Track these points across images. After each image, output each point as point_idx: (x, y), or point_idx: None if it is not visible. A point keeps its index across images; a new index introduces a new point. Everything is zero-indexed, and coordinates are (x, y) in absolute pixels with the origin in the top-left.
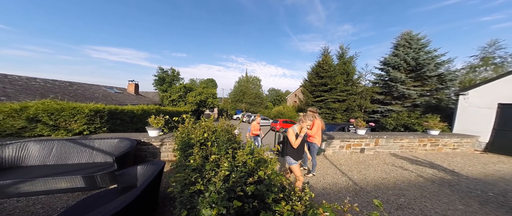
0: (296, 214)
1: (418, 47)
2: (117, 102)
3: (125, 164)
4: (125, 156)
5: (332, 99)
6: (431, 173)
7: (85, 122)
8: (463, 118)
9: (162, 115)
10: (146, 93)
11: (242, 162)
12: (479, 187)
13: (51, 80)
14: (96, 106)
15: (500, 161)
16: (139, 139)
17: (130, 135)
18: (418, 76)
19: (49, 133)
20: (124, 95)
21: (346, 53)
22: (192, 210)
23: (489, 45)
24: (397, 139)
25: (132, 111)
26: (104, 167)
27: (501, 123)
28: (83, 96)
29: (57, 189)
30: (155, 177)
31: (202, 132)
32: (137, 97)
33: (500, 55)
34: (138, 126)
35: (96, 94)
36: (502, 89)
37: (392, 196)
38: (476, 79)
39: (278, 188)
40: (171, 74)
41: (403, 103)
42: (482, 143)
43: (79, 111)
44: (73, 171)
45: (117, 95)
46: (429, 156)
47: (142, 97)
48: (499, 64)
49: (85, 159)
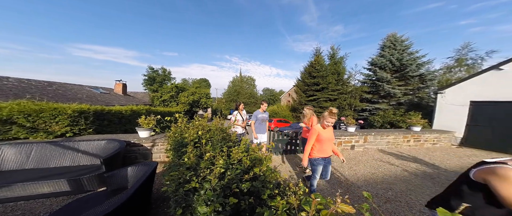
0: (291, 208)
1: (402, 48)
2: (103, 103)
3: (114, 166)
4: (114, 158)
5: (324, 98)
6: (414, 167)
7: (68, 124)
8: (441, 115)
9: (153, 115)
10: (135, 93)
11: (237, 159)
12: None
13: (26, 79)
14: (80, 107)
15: (473, 154)
16: (129, 140)
17: (118, 136)
18: (402, 76)
19: (26, 135)
20: (111, 96)
21: (336, 53)
22: (188, 208)
23: (462, 48)
24: (384, 136)
25: (120, 112)
26: (91, 169)
27: (472, 119)
28: (64, 97)
29: (39, 194)
30: (147, 178)
31: (196, 131)
32: (125, 98)
33: (472, 57)
34: (127, 127)
35: (80, 95)
36: (473, 88)
37: (381, 190)
38: (452, 79)
39: (273, 184)
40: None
41: (389, 101)
42: (457, 138)
43: (61, 112)
44: (56, 174)
45: (103, 96)
46: (412, 151)
47: (130, 98)
48: (471, 65)
49: (69, 162)
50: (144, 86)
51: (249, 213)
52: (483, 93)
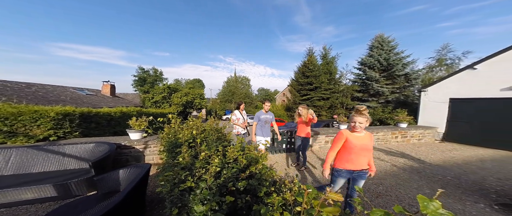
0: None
1: (388, 48)
2: (90, 105)
3: (105, 169)
4: (104, 161)
5: (317, 97)
6: (402, 162)
7: (51, 127)
8: (425, 112)
9: (144, 117)
10: (124, 95)
11: (233, 158)
12: (439, 172)
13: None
14: (65, 109)
15: (454, 148)
16: (119, 142)
17: (108, 138)
18: (389, 75)
19: (3, 140)
20: (98, 98)
21: (328, 53)
22: (183, 208)
23: (442, 48)
24: (374, 133)
25: (109, 114)
26: (79, 173)
27: (452, 115)
28: (46, 99)
29: (22, 201)
30: (141, 180)
31: (190, 131)
32: (114, 100)
33: (451, 57)
34: (116, 130)
35: (63, 97)
36: (451, 86)
37: (372, 185)
38: (433, 78)
39: (269, 182)
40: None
41: (378, 99)
42: (440, 133)
43: (43, 115)
44: (40, 180)
45: (90, 98)
46: (400, 147)
47: (120, 100)
48: (450, 65)
49: (54, 166)
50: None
51: (246, 211)
52: (460, 91)
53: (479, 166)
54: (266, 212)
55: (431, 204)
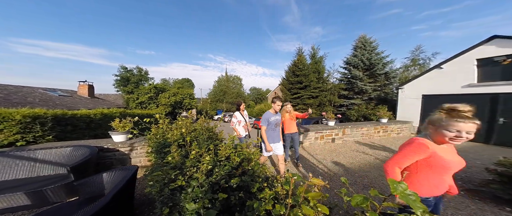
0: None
1: (370, 49)
2: (65, 107)
3: (86, 174)
4: (85, 165)
5: (307, 95)
6: (384, 155)
7: (18, 131)
8: (402, 108)
9: (129, 118)
10: (105, 96)
11: (225, 156)
12: None
13: None
14: (34, 111)
15: None
16: (101, 145)
17: (87, 142)
18: (371, 74)
19: None
20: (74, 99)
21: (317, 53)
22: (175, 207)
23: (415, 50)
24: (359, 128)
25: (88, 116)
26: (55, 179)
27: (424, 110)
28: (8, 101)
29: None
30: (128, 182)
31: (180, 131)
32: (93, 101)
33: (422, 57)
34: (97, 132)
35: (30, 99)
36: (423, 84)
37: (359, 178)
38: (409, 76)
39: (262, 178)
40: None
41: (362, 97)
42: (415, 127)
43: (6, 118)
44: (8, 188)
45: (64, 99)
46: (382, 141)
47: (100, 101)
48: (422, 65)
49: (24, 173)
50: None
51: (240, 207)
52: (430, 88)
53: None
54: (258, 206)
55: (399, 186)
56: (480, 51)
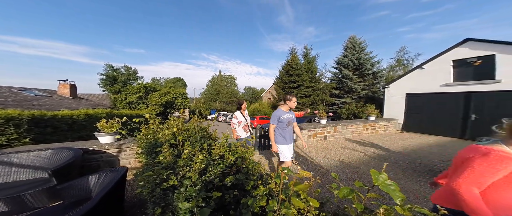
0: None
1: (360, 49)
2: (43, 107)
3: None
4: (68, 168)
5: (300, 94)
6: (372, 151)
7: None
8: (388, 106)
9: (117, 119)
10: (90, 95)
11: (219, 155)
12: (400, 158)
13: None
14: (6, 112)
15: (410, 137)
16: (86, 147)
17: (70, 144)
18: (360, 74)
19: None
20: (54, 99)
21: (309, 53)
22: (167, 207)
23: (400, 50)
24: (349, 126)
25: (71, 117)
26: (36, 184)
27: (408, 108)
28: None
29: None
30: (117, 184)
31: (171, 131)
32: (75, 101)
33: (406, 58)
34: (82, 134)
35: (2, 99)
36: (406, 83)
37: (349, 173)
38: (394, 76)
39: (256, 176)
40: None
41: (352, 96)
42: (400, 124)
43: None
44: None
45: (41, 99)
46: (370, 137)
47: (84, 101)
48: (406, 65)
49: None
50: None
51: (234, 205)
52: (413, 87)
53: (429, 151)
54: (253, 203)
55: (380, 177)
56: (455, 53)
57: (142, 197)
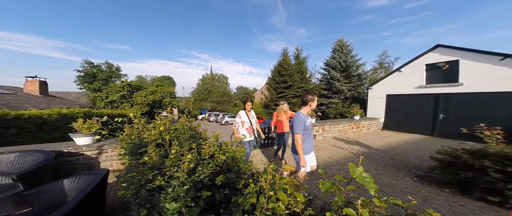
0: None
1: (346, 52)
2: (6, 106)
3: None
4: (38, 172)
5: (291, 95)
6: (357, 149)
7: None
8: (371, 106)
9: (96, 118)
10: (64, 94)
11: (209, 155)
12: (381, 155)
13: None
14: None
15: (390, 135)
16: (60, 149)
17: (40, 146)
18: (347, 75)
19: None
20: (20, 98)
21: (300, 54)
22: (154, 208)
23: (382, 54)
24: (336, 125)
25: (40, 116)
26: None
27: (388, 108)
28: None
29: None
30: (96, 188)
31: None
32: (46, 99)
33: (387, 61)
34: (54, 135)
35: None
36: (387, 85)
37: (336, 171)
38: (376, 78)
39: (248, 175)
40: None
41: (339, 96)
42: (381, 123)
43: None
44: None
45: (3, 97)
46: (355, 136)
47: (56, 99)
48: (387, 68)
49: None
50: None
51: (225, 204)
52: (392, 88)
53: (405, 148)
54: (243, 201)
55: (357, 170)
56: (428, 58)
57: (126, 199)
